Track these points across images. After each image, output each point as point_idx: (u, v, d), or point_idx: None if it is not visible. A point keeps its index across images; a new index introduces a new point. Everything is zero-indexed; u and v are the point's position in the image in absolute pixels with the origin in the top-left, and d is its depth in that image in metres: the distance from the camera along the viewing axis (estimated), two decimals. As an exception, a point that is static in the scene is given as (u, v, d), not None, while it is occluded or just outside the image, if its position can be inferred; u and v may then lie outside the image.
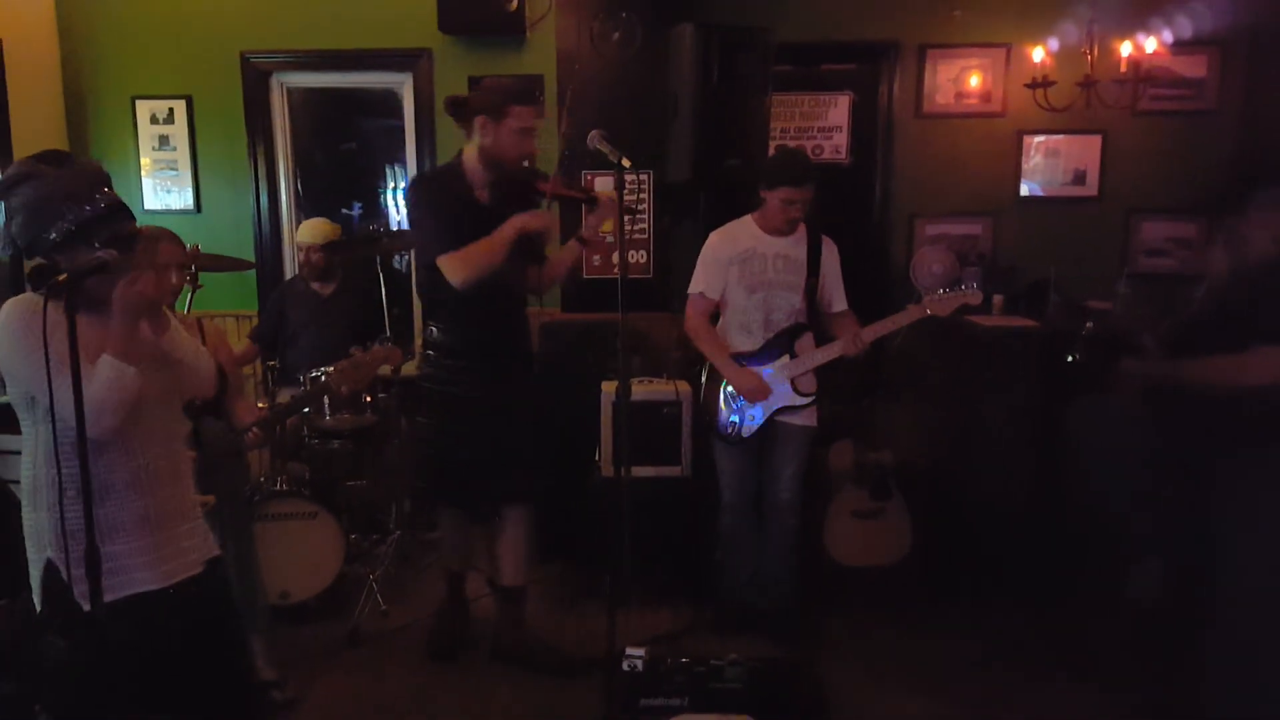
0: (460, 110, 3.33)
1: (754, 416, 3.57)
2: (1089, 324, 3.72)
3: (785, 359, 3.56)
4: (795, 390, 3.56)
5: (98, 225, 1.97)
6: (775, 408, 3.56)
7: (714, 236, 3.64)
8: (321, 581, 3.85)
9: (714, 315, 3.70)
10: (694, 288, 3.64)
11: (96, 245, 1.93)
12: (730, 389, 3.58)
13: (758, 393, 3.52)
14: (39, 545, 2.07)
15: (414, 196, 3.43)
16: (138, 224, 2.08)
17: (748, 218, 3.62)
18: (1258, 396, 2.57)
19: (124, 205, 2.05)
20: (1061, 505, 4.07)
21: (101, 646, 1.95)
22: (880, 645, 3.68)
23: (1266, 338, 2.55)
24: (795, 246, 3.57)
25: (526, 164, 3.30)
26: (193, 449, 2.64)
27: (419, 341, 3.74)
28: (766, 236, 3.57)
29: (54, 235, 1.96)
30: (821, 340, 3.60)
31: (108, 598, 1.87)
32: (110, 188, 2.06)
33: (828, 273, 3.61)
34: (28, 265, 2.05)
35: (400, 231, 4.45)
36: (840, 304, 3.66)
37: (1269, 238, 2.66)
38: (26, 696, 2.69)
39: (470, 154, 3.33)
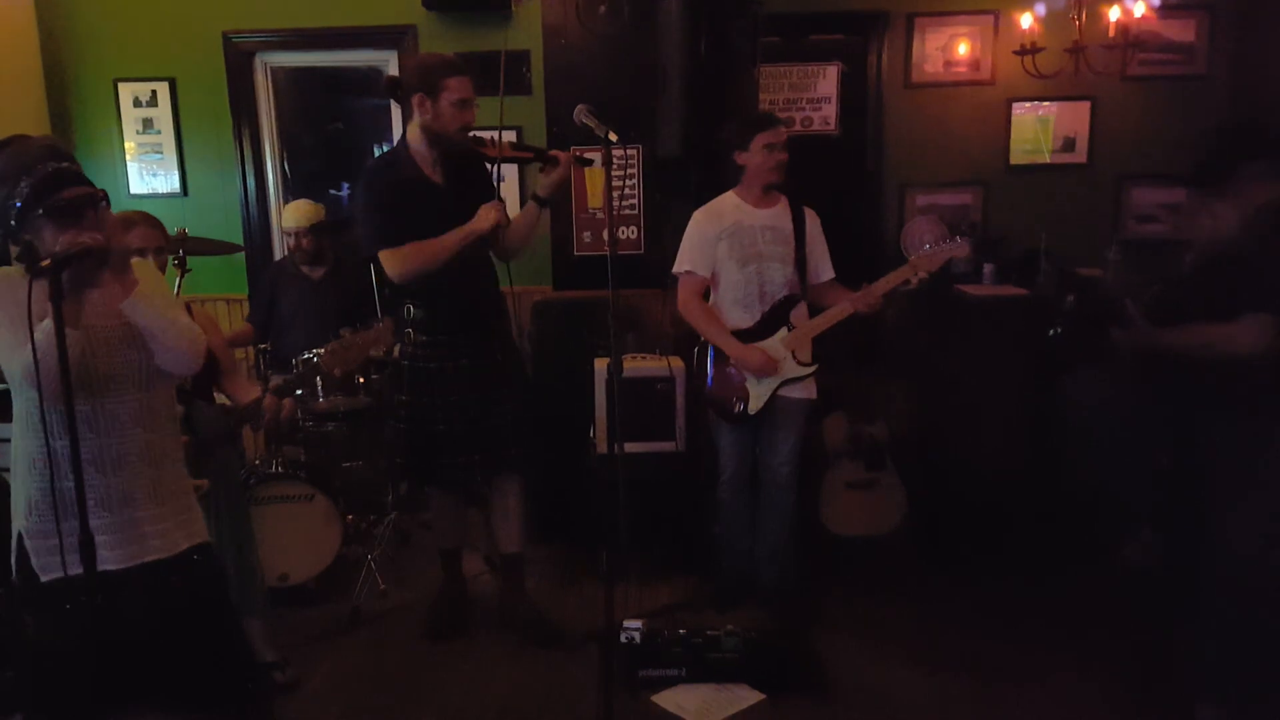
0: (398, 90, 3.32)
1: (760, 394, 3.53)
2: (1070, 297, 3.73)
3: (784, 331, 3.53)
4: (797, 361, 3.52)
5: (42, 196, 1.98)
6: (779, 381, 3.52)
7: (698, 214, 3.61)
8: (320, 563, 3.86)
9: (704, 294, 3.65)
10: (681, 266, 3.59)
11: (41, 213, 1.97)
12: (732, 365, 3.54)
13: (766, 367, 3.48)
14: (15, 515, 2.11)
15: (359, 188, 3.39)
16: (98, 189, 2.07)
17: (729, 193, 3.60)
18: (1245, 364, 2.58)
19: (71, 172, 2.05)
20: (1055, 474, 4.09)
21: (56, 619, 2.01)
22: (874, 614, 3.71)
23: (1252, 305, 2.55)
24: (780, 218, 3.56)
25: (470, 134, 3.28)
26: (185, 433, 2.64)
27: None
28: (751, 208, 3.54)
29: (10, 215, 2.00)
30: (813, 311, 3.57)
31: (69, 572, 1.92)
32: (59, 158, 2.06)
33: (813, 242, 3.59)
34: (13, 249, 2.07)
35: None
36: (827, 273, 3.64)
37: (1250, 208, 2.66)
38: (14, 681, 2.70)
39: (414, 134, 3.31)
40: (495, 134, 3.32)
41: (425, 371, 3.39)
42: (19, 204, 1.98)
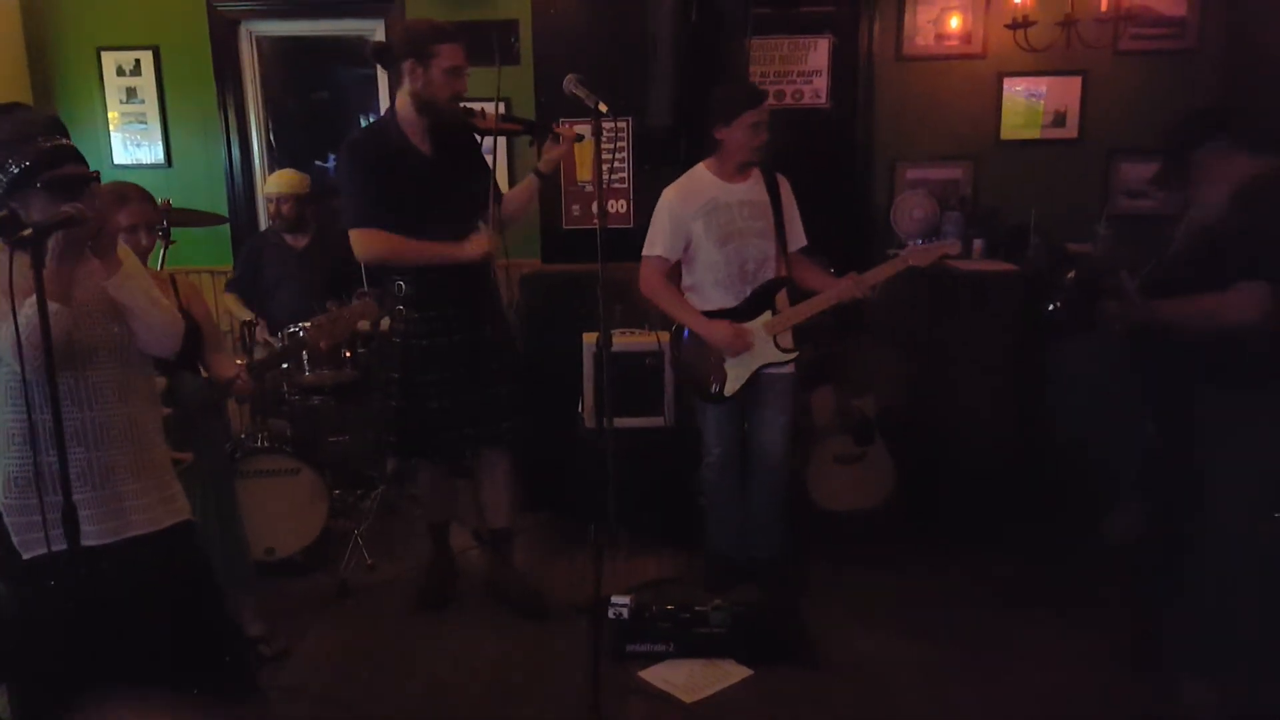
0: (386, 57, 3.25)
1: (738, 375, 3.46)
2: (1071, 273, 3.72)
3: (767, 315, 3.45)
4: (778, 347, 3.46)
5: (42, 167, 1.98)
6: (758, 364, 3.46)
7: (670, 193, 3.47)
8: (306, 537, 3.85)
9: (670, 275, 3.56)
10: (650, 249, 3.48)
11: (39, 185, 1.96)
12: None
13: (735, 342, 3.40)
14: None
15: (342, 162, 3.33)
16: (91, 170, 2.08)
17: (700, 168, 3.49)
18: (1238, 334, 2.58)
19: (72, 150, 2.06)
20: (1042, 447, 4.11)
21: (38, 595, 2.02)
22: (863, 587, 3.72)
23: (1247, 275, 2.56)
24: (755, 190, 3.45)
25: (461, 104, 3.22)
26: (169, 405, 2.63)
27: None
28: (725, 184, 3.43)
29: (2, 181, 1.99)
30: (791, 286, 3.50)
31: (54, 548, 1.93)
32: (60, 134, 2.07)
33: (788, 210, 3.50)
34: None
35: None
36: (797, 241, 3.54)
37: (1231, 184, 2.66)
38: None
39: (403, 103, 3.24)
40: (485, 105, 3.27)
41: (417, 348, 3.36)
42: (17, 171, 1.97)
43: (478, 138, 3.41)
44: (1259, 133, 2.73)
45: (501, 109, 3.62)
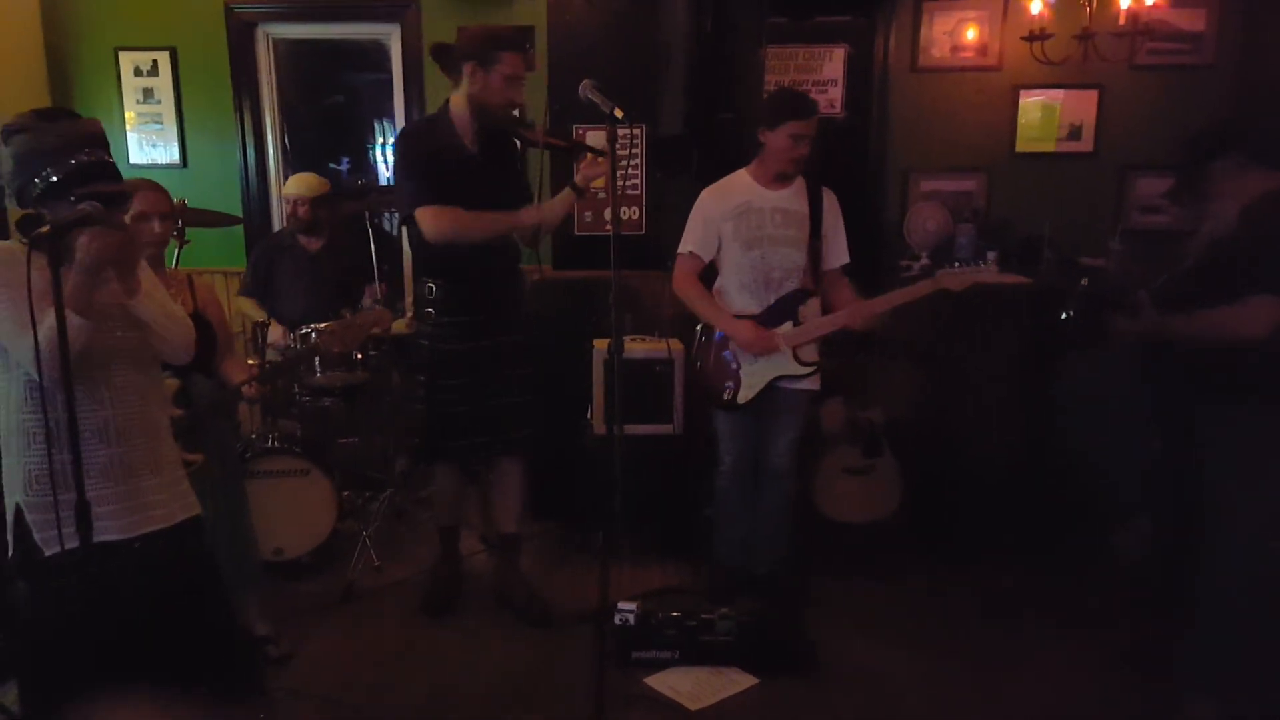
0: (447, 57, 3.30)
1: (752, 384, 3.46)
2: (1085, 280, 3.71)
3: (788, 326, 3.42)
4: (796, 360, 3.44)
5: (78, 181, 2.00)
6: (774, 375, 3.44)
7: (706, 193, 3.50)
8: (315, 538, 3.86)
9: (704, 276, 3.56)
10: (684, 247, 3.50)
11: (73, 199, 1.97)
12: (729, 350, 3.47)
13: (757, 343, 3.38)
14: (11, 490, 2.12)
15: (399, 149, 3.42)
16: (124, 188, 2.12)
17: (742, 171, 3.49)
18: (1248, 350, 2.57)
19: (110, 165, 2.09)
20: (1051, 461, 4.09)
21: (58, 591, 2.02)
22: (869, 598, 3.72)
23: (1257, 289, 2.56)
24: (794, 199, 3.43)
25: (515, 113, 3.29)
26: (182, 407, 2.64)
27: (409, 299, 3.70)
28: (763, 189, 3.43)
29: (37, 186, 2.01)
30: (825, 305, 3.48)
31: (69, 545, 1.93)
32: (101, 147, 2.09)
33: (829, 226, 3.47)
34: (14, 213, 2.07)
35: (388, 188, 4.41)
36: (839, 258, 3.51)
37: (1244, 200, 2.67)
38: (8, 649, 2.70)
39: (458, 102, 3.31)
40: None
41: (446, 353, 3.38)
42: (55, 179, 1.99)
43: (518, 147, 3.46)
44: (1273, 148, 2.73)
45: (516, 115, 3.65)
